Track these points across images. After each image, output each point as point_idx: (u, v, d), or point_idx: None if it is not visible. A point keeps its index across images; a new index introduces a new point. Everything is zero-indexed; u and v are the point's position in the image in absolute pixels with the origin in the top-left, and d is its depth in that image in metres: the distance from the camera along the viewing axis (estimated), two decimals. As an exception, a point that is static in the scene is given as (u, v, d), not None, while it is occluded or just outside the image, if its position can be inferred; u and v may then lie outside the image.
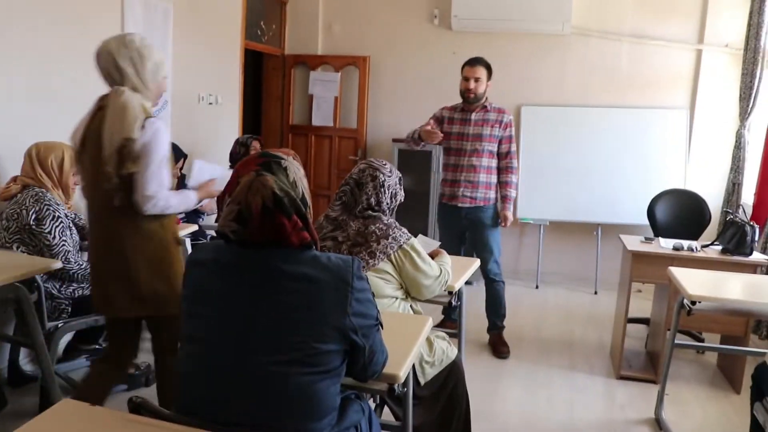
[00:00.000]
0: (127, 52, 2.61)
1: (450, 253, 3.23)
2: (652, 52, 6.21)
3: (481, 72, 4.50)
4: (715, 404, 3.94)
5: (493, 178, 4.61)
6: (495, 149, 4.57)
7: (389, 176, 2.80)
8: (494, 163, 4.60)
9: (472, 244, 4.74)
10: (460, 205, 4.58)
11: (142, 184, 2.57)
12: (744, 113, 5.72)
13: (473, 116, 4.55)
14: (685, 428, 3.59)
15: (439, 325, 4.66)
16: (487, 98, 4.59)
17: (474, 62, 4.53)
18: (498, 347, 4.62)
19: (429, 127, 4.47)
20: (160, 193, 2.61)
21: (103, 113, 2.57)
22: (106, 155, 2.52)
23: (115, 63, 2.60)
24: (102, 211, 2.67)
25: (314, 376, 1.66)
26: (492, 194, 4.62)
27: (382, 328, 1.88)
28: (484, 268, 4.62)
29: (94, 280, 2.79)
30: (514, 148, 4.62)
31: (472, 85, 4.49)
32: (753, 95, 5.60)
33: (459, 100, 4.62)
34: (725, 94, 6.04)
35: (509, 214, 4.60)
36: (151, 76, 2.68)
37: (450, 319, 4.72)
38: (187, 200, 2.88)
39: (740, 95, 5.75)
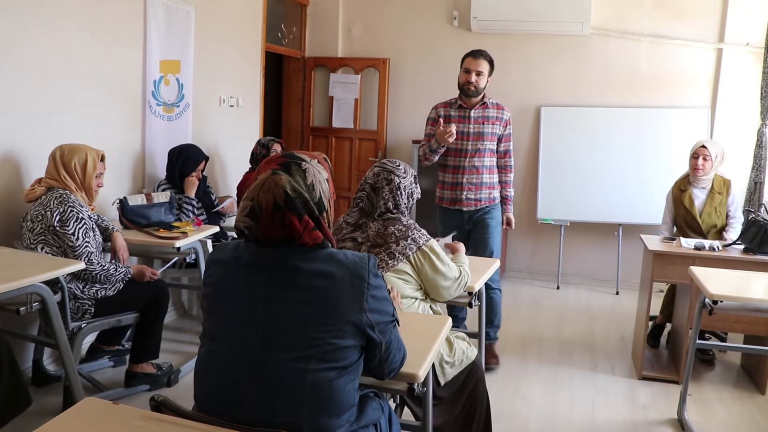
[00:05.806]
0: None
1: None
2: (671, 52, 6.16)
3: (484, 66, 4.27)
4: (739, 404, 3.90)
5: (496, 177, 4.42)
6: (495, 147, 4.38)
7: (404, 177, 2.81)
8: (494, 161, 4.41)
9: (472, 245, 4.44)
10: (465, 209, 4.36)
11: None
12: (765, 111, 5.65)
13: (473, 113, 4.31)
14: (708, 429, 3.56)
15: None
16: (485, 94, 4.36)
17: (477, 54, 4.30)
18: (486, 358, 4.21)
19: (440, 128, 4.15)
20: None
21: None
22: None
23: None
24: None
25: (332, 372, 1.68)
26: (496, 193, 4.43)
27: (399, 324, 1.89)
28: None
29: None
30: (512, 147, 4.47)
31: (473, 78, 4.24)
32: (775, 93, 5.53)
33: None
34: (746, 92, 5.98)
35: (512, 217, 4.53)
36: None
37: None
38: None
39: (761, 93, 5.69)
